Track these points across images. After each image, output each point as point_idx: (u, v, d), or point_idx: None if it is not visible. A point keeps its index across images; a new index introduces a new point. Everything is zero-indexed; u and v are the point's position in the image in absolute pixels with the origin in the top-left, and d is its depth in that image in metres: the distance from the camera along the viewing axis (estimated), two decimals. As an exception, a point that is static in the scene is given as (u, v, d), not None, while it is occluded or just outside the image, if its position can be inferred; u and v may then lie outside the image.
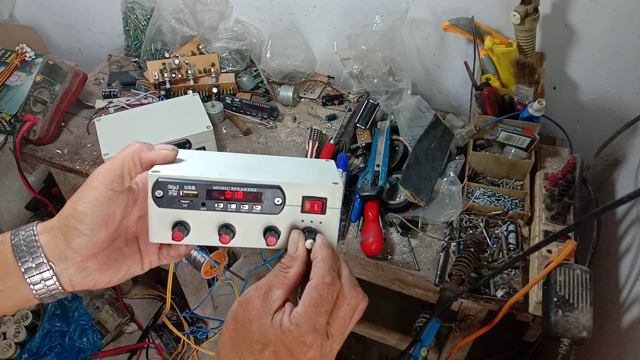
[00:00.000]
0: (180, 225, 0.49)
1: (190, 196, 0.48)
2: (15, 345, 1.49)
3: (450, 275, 0.99)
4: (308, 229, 0.51)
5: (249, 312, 0.45)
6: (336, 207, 0.50)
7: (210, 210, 0.49)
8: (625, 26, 1.15)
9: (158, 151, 0.49)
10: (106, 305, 1.84)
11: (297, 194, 0.49)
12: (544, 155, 1.21)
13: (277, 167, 0.55)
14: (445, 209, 1.07)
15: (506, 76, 1.19)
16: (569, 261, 0.85)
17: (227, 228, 0.49)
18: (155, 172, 0.47)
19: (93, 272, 0.48)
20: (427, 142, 1.17)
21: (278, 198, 0.49)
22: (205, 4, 1.51)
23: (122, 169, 0.47)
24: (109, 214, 0.47)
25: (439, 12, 1.30)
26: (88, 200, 0.46)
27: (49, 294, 0.47)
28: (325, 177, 0.52)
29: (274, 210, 0.49)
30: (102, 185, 0.46)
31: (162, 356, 1.76)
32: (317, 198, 0.49)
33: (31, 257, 0.46)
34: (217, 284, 1.20)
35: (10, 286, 0.46)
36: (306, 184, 0.49)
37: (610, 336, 1.11)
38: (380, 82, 1.33)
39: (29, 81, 1.39)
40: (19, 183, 1.71)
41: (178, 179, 0.47)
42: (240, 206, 0.49)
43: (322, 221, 0.50)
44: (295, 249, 0.48)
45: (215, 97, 1.43)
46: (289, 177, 0.50)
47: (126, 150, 0.48)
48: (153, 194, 0.47)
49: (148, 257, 0.53)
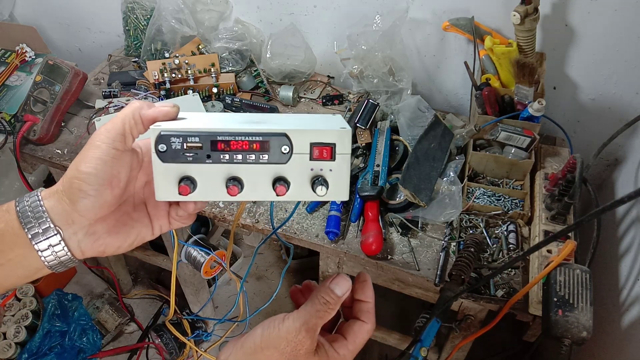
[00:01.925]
0: (187, 180, 0.47)
1: (194, 148, 0.46)
2: (15, 345, 1.49)
3: (450, 275, 0.99)
4: (317, 176, 0.49)
5: (298, 352, 0.47)
6: (346, 153, 0.48)
7: (216, 162, 0.47)
8: (625, 26, 1.15)
9: (159, 108, 0.48)
10: (106, 305, 1.84)
11: (304, 140, 0.47)
12: (544, 155, 1.21)
13: (282, 119, 0.54)
14: (445, 209, 1.07)
15: (506, 76, 1.19)
16: (569, 261, 0.85)
17: (234, 180, 0.47)
18: (157, 126, 0.46)
19: (102, 235, 0.47)
20: (427, 142, 1.17)
21: (285, 146, 0.47)
22: (205, 4, 1.51)
23: (123, 127, 0.46)
24: (113, 174, 0.45)
25: (439, 12, 1.30)
26: (91, 160, 0.45)
27: (58, 260, 0.46)
28: (332, 124, 0.50)
29: (281, 159, 0.48)
30: (104, 144, 0.45)
31: (162, 356, 1.76)
32: (326, 144, 0.48)
33: (37, 222, 0.44)
34: (217, 283, 1.20)
35: (18, 254, 0.45)
36: (313, 129, 0.48)
37: (610, 336, 1.11)
38: (380, 82, 1.33)
39: (29, 81, 1.40)
40: (19, 183, 1.71)
41: (181, 131, 0.46)
42: (247, 156, 0.47)
43: (332, 168, 0.49)
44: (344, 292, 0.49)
45: (215, 97, 1.43)
46: (295, 125, 0.49)
47: (126, 108, 0.47)
48: (156, 148, 0.46)
49: (157, 221, 0.52)
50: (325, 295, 0.48)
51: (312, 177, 0.49)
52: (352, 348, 0.49)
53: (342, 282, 0.49)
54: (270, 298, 1.32)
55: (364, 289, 0.51)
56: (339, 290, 0.49)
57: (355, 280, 0.52)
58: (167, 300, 1.93)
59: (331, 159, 0.48)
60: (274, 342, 0.47)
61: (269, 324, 0.48)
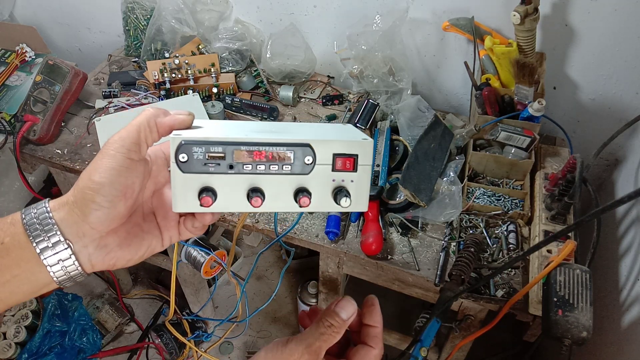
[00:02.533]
0: (208, 191, 0.45)
1: (217, 158, 0.45)
2: (15, 345, 1.49)
3: (450, 275, 0.99)
4: (339, 187, 0.48)
5: None
6: (367, 164, 0.48)
7: (238, 173, 0.46)
8: (625, 26, 1.15)
9: (175, 116, 0.46)
10: (106, 305, 1.84)
11: (327, 151, 0.47)
12: (544, 155, 1.21)
13: (301, 129, 0.53)
14: (445, 209, 1.07)
15: (506, 76, 1.19)
16: (569, 261, 0.85)
17: (256, 191, 0.46)
18: (178, 134, 0.44)
19: (114, 249, 0.45)
20: (427, 142, 1.17)
21: (308, 157, 0.46)
22: (205, 4, 1.51)
23: (138, 135, 0.44)
24: (127, 184, 0.43)
25: (439, 12, 1.30)
26: (105, 170, 0.42)
27: (68, 276, 0.43)
28: (352, 135, 0.50)
29: (304, 170, 0.47)
30: (119, 153, 0.43)
31: (162, 356, 1.76)
32: (349, 155, 0.47)
33: (47, 236, 0.41)
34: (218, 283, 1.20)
35: (25, 270, 0.42)
36: (337, 140, 0.47)
37: (610, 336, 1.11)
38: (380, 82, 1.33)
39: (29, 81, 1.40)
40: (19, 183, 1.70)
41: (203, 140, 0.44)
42: (270, 167, 0.46)
43: (353, 179, 0.48)
44: (350, 316, 0.48)
45: (215, 97, 1.43)
46: (317, 135, 0.48)
47: (141, 116, 0.45)
48: (177, 158, 0.44)
49: (167, 232, 0.50)
50: (330, 319, 0.47)
51: (334, 187, 0.48)
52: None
53: (348, 305, 0.48)
54: (270, 298, 1.32)
55: (372, 313, 0.50)
56: (344, 314, 0.48)
57: (364, 305, 0.51)
58: (167, 300, 1.93)
59: (353, 170, 0.48)
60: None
61: (273, 347, 0.47)
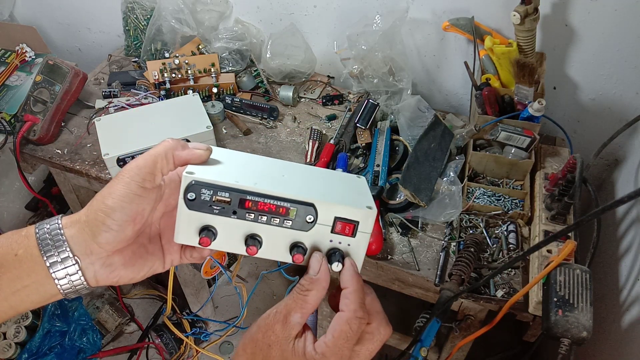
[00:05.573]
0: (208, 231, 0.48)
1: (222, 202, 0.47)
2: (15, 345, 1.49)
3: (450, 275, 0.99)
4: (335, 250, 0.49)
5: (269, 337, 0.45)
6: (367, 232, 0.49)
7: (241, 219, 0.48)
8: (625, 26, 1.15)
9: (192, 150, 0.48)
10: (106, 305, 1.84)
11: (330, 213, 0.48)
12: (544, 155, 1.21)
13: (310, 180, 0.54)
14: (445, 209, 1.07)
15: (506, 76, 1.19)
16: (569, 261, 0.85)
17: (254, 239, 0.48)
18: (190, 173, 0.46)
19: (118, 267, 0.48)
20: (427, 142, 1.17)
21: (310, 216, 0.48)
22: (205, 4, 1.51)
23: (154, 166, 0.46)
24: (138, 211, 0.46)
25: (439, 12, 1.30)
26: (118, 196, 0.45)
27: (74, 289, 0.46)
28: (359, 198, 0.51)
29: (304, 227, 0.48)
30: (134, 181, 0.45)
31: (162, 356, 1.76)
32: (350, 220, 0.49)
33: (57, 251, 0.44)
34: (217, 284, 1.20)
35: (35, 281, 0.45)
36: (341, 204, 0.48)
37: (610, 336, 1.11)
38: (380, 82, 1.33)
39: (29, 81, 1.39)
40: (19, 183, 1.71)
41: (213, 183, 0.46)
42: (272, 219, 0.48)
43: (350, 244, 0.50)
44: (317, 272, 0.47)
45: (215, 97, 1.43)
46: (323, 195, 0.49)
47: (159, 147, 0.47)
48: (185, 195, 0.46)
49: (170, 255, 0.53)
50: (302, 280, 0.48)
51: (329, 248, 0.50)
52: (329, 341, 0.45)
53: (313, 262, 0.48)
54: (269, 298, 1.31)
55: (343, 275, 0.49)
56: (311, 270, 0.48)
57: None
58: (167, 300, 1.93)
59: (352, 236, 0.49)
60: (250, 332, 0.47)
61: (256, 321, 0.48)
